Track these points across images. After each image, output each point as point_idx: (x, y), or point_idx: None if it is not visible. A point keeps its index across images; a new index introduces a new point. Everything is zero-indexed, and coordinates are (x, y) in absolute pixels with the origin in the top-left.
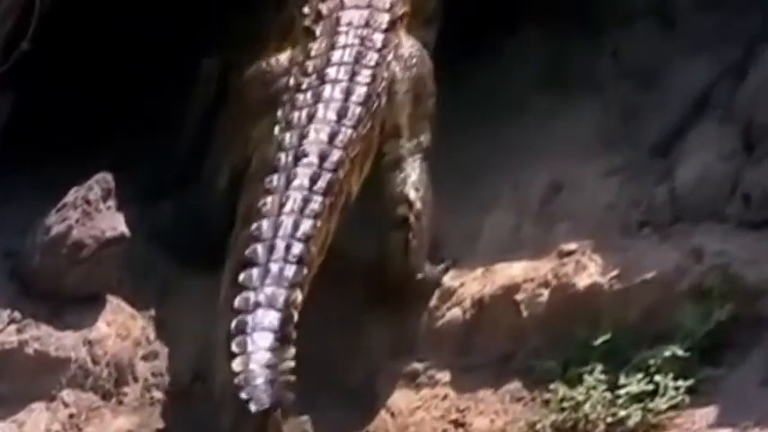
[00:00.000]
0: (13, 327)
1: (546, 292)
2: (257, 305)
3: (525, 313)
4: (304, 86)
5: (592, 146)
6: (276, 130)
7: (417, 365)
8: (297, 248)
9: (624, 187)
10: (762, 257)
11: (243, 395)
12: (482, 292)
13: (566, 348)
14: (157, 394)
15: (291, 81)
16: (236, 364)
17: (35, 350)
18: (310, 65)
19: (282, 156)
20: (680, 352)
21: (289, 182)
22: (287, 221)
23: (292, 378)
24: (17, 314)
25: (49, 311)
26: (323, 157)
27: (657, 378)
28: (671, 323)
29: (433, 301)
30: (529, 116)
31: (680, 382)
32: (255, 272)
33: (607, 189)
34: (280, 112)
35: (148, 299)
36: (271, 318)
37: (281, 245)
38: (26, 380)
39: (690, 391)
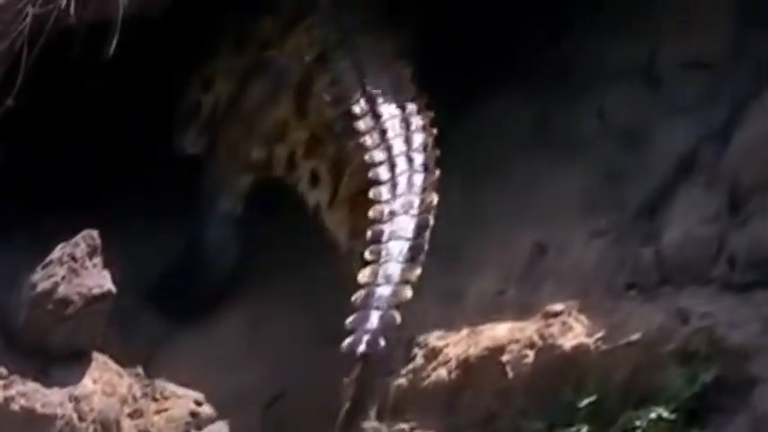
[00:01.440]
0: None
1: (532, 354)
2: None
3: (511, 374)
4: None
5: (577, 207)
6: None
7: (403, 426)
8: None
9: (610, 249)
10: (747, 320)
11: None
12: (467, 353)
13: (552, 409)
14: None
15: None
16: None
17: (21, 406)
18: None
19: None
20: (665, 414)
21: None
22: None
23: None
24: (3, 370)
25: (36, 368)
26: None
27: None
28: (656, 385)
29: (419, 361)
30: (514, 176)
31: None
32: None
33: (593, 250)
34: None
35: (135, 356)
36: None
37: None
38: None
39: None
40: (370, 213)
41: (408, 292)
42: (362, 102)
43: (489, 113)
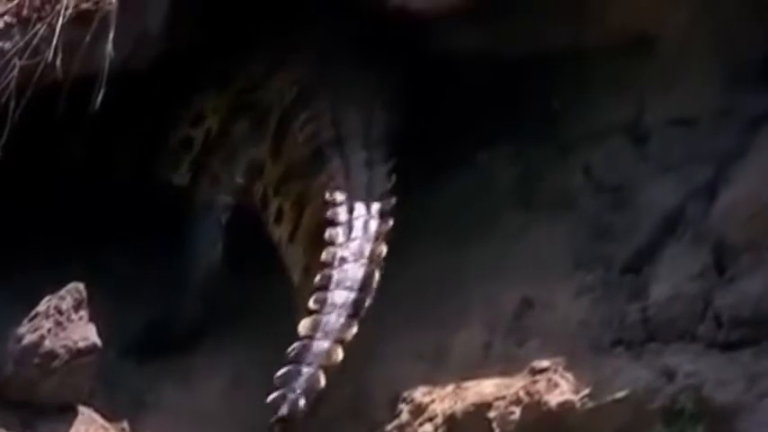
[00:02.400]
0: None
1: (518, 410)
2: None
3: (497, 431)
4: None
5: (564, 263)
6: None
7: None
8: None
9: (596, 305)
10: (733, 378)
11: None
12: (453, 409)
13: None
14: None
15: None
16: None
17: None
18: None
19: None
20: None
21: None
22: None
23: None
24: None
25: (22, 421)
26: None
27: None
28: None
29: (405, 417)
30: (500, 232)
31: None
32: None
33: (579, 306)
34: None
35: (121, 410)
36: None
37: None
38: None
39: None
40: (323, 255)
41: (340, 354)
42: (332, 141)
43: (477, 168)
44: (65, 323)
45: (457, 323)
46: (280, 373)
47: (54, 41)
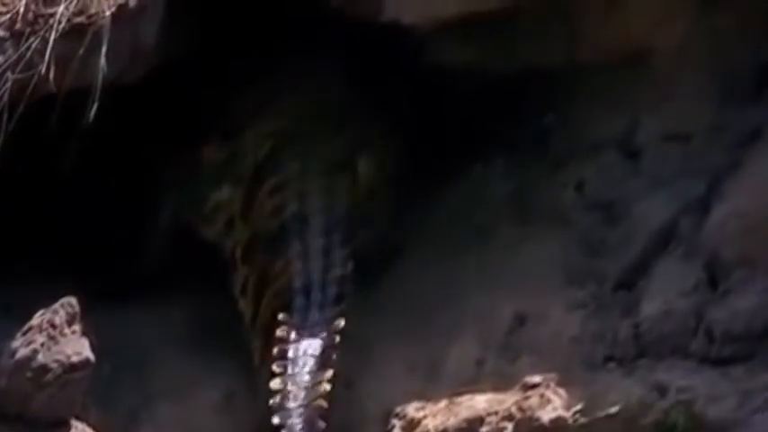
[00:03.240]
0: None
1: (510, 426)
2: None
3: None
4: None
5: (556, 278)
6: None
7: None
8: None
9: (589, 321)
10: (725, 394)
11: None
12: (446, 424)
13: None
14: None
15: None
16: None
17: None
18: None
19: None
20: None
21: None
22: None
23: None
24: None
25: None
26: None
27: None
28: None
29: None
30: (493, 247)
31: None
32: None
33: (572, 322)
34: None
35: (114, 425)
36: None
37: None
38: None
39: None
40: (278, 332)
41: (327, 386)
42: (295, 218)
43: (470, 184)
44: (58, 337)
45: (450, 338)
46: (276, 417)
47: (47, 55)
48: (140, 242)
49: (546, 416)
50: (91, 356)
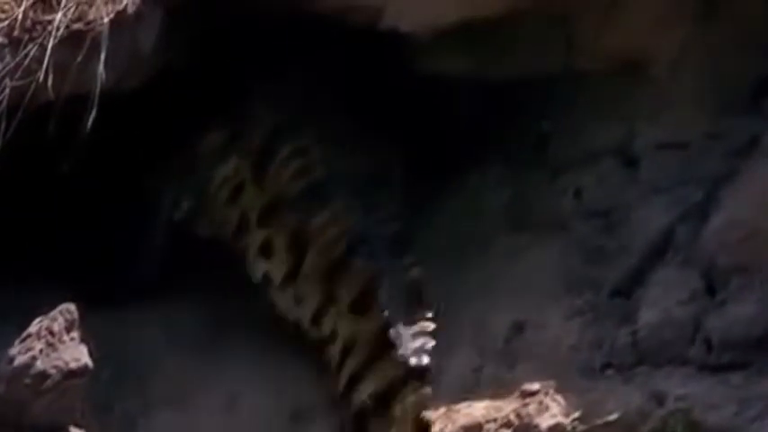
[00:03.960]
0: None
1: None
2: None
3: None
4: None
5: (554, 286)
6: None
7: None
8: None
9: (587, 328)
10: (723, 402)
11: None
12: (445, 431)
13: None
14: None
15: None
16: None
17: None
18: None
19: None
20: None
21: None
22: None
23: None
24: None
25: None
26: None
27: None
28: None
29: None
30: (491, 255)
31: None
32: None
33: (569, 330)
34: None
35: (113, 431)
36: None
37: None
38: None
39: None
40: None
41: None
42: (327, 181)
43: (468, 191)
44: (56, 344)
45: (448, 344)
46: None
47: (45, 62)
48: (140, 245)
49: (544, 423)
50: (89, 363)
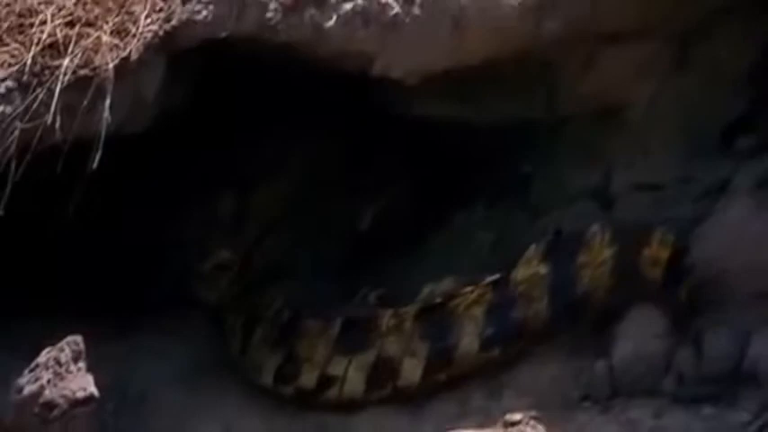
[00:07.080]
0: None
1: None
2: None
3: None
4: None
5: None
6: None
7: None
8: None
9: (566, 361)
10: None
11: None
12: None
13: None
14: None
15: None
16: None
17: None
18: None
19: None
20: None
21: None
22: None
23: None
24: None
25: None
26: None
27: None
28: None
29: None
30: None
31: None
32: None
33: (551, 362)
34: None
35: None
36: None
37: None
38: None
39: None
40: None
41: None
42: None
43: (453, 232)
44: (64, 374)
45: None
46: None
47: (53, 105)
48: (143, 288)
49: None
50: (95, 392)
